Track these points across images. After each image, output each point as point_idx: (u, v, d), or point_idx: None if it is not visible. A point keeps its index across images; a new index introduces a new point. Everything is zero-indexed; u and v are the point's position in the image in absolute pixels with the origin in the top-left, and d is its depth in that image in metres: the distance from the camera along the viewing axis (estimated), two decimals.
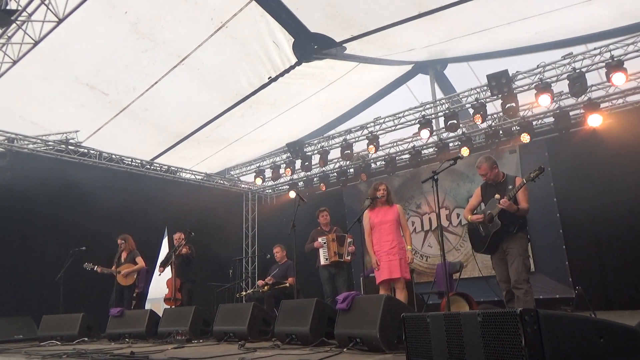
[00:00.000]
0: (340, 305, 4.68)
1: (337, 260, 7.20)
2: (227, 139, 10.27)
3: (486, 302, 8.44)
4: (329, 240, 7.30)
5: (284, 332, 5.28)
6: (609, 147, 8.10)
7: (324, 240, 7.36)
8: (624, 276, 7.83)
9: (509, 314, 2.04)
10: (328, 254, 7.25)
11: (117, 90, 8.02)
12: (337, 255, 7.19)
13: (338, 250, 7.23)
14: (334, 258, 7.19)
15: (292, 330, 5.18)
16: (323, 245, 7.33)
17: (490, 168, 5.20)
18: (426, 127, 8.85)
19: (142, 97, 8.21)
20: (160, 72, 7.77)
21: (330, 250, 7.23)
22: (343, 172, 11.02)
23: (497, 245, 5.10)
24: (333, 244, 7.25)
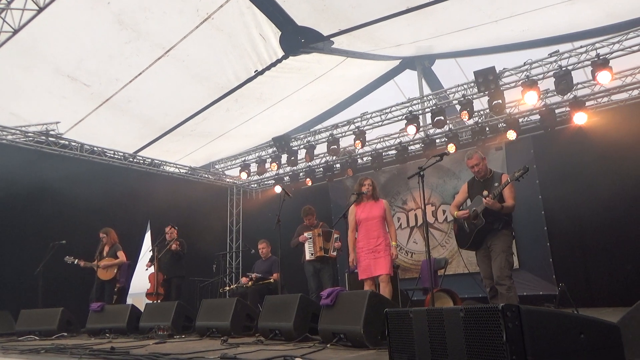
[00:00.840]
0: (324, 300, 4.70)
1: (323, 255, 7.21)
2: (212, 132, 10.21)
3: (471, 298, 8.52)
4: (315, 235, 7.31)
5: (268, 328, 5.29)
6: (594, 146, 8.22)
7: (309, 234, 7.37)
8: (607, 273, 7.97)
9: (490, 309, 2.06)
10: (313, 248, 7.27)
11: (100, 82, 7.92)
12: (323, 251, 7.20)
13: (324, 246, 7.25)
14: (319, 253, 7.20)
15: (275, 325, 5.18)
16: (308, 239, 7.35)
17: (481, 159, 5.26)
18: (413, 123, 8.89)
19: (125, 88, 8.12)
20: (144, 64, 7.69)
21: (316, 245, 7.24)
22: (329, 167, 11.03)
23: (481, 242, 5.16)
24: (319, 239, 7.26)
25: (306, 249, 7.36)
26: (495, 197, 4.97)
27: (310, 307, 5.15)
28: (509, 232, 5.10)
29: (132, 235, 10.06)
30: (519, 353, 1.99)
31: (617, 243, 7.91)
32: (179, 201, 10.75)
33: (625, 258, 7.77)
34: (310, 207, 7.71)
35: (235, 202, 12.82)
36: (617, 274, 7.82)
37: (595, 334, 2.22)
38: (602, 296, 7.90)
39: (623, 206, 7.92)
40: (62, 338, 6.79)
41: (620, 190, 7.89)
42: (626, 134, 7.85)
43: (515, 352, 1.98)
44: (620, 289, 7.61)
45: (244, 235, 12.44)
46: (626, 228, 7.85)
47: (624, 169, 7.88)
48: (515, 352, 1.99)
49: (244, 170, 11.35)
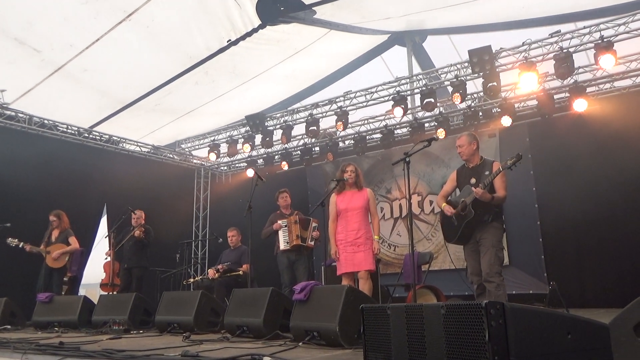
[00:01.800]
0: (297, 295, 4.73)
1: (299, 244, 7.24)
2: (179, 108, 10.11)
3: (456, 296, 8.70)
4: (291, 223, 7.32)
5: (235, 324, 5.30)
6: (594, 135, 8.37)
7: (284, 222, 7.38)
8: (601, 273, 8.18)
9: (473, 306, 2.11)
10: (289, 237, 7.29)
11: (52, 47, 7.76)
12: (300, 239, 7.24)
13: (301, 234, 7.28)
14: (295, 242, 7.22)
15: (243, 321, 5.20)
16: (283, 227, 7.36)
17: (468, 142, 5.32)
18: (400, 104, 8.93)
19: (80, 56, 7.97)
20: (102, 29, 7.54)
21: (292, 234, 7.26)
22: (308, 150, 11.03)
23: (469, 235, 5.24)
24: (295, 227, 7.28)
25: (280, 238, 7.38)
26: (486, 186, 5.03)
27: (282, 302, 5.17)
28: (499, 225, 5.18)
29: (86, 220, 9.94)
30: (501, 353, 2.04)
31: (614, 241, 8.12)
32: (140, 183, 10.65)
33: (622, 257, 7.99)
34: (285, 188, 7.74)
35: (203, 185, 12.75)
36: (612, 273, 8.04)
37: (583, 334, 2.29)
38: (596, 296, 8.13)
39: (622, 202, 8.11)
40: (5, 331, 6.70)
41: (620, 184, 8.08)
42: (628, 124, 8.01)
43: (497, 352, 2.04)
44: (615, 290, 7.83)
45: (211, 222, 12.40)
46: (624, 225, 8.05)
47: (624, 161, 8.05)
48: (497, 352, 2.04)
49: (213, 150, 11.28)
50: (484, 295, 5.08)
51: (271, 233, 7.55)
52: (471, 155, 5.36)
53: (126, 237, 8.41)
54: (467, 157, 5.37)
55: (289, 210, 7.73)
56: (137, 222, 8.59)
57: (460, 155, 5.43)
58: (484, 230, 5.12)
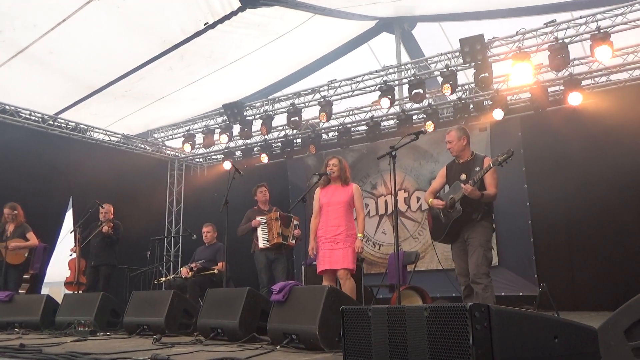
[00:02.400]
0: (275, 296, 4.75)
1: (280, 242, 7.26)
2: (152, 95, 10.05)
3: (443, 297, 8.79)
4: (271, 219, 7.33)
5: (209, 326, 5.31)
6: (589, 131, 8.50)
7: (264, 219, 7.39)
8: (593, 275, 8.32)
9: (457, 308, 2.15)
10: (269, 235, 7.30)
11: (13, 28, 7.65)
12: (281, 237, 7.25)
13: (282, 232, 7.29)
14: (276, 240, 7.24)
15: (218, 323, 5.21)
16: (263, 224, 7.37)
17: (458, 138, 5.36)
18: (387, 95, 8.97)
19: (45, 37, 7.88)
20: (70, 8, 7.46)
21: (273, 231, 7.28)
22: (289, 142, 11.03)
23: (457, 234, 5.29)
24: (276, 224, 7.29)
25: (259, 235, 7.39)
26: (476, 183, 5.07)
27: (259, 303, 5.19)
28: (488, 224, 5.24)
29: (50, 214, 9.85)
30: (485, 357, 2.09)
31: (608, 241, 8.27)
32: (109, 175, 10.57)
33: (616, 258, 8.14)
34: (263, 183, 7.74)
35: (177, 178, 12.69)
36: (605, 275, 8.18)
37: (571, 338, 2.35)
38: (588, 299, 8.27)
39: (617, 201, 8.25)
40: None
41: (615, 182, 8.22)
42: (625, 120, 8.13)
43: (481, 357, 2.08)
44: (608, 292, 7.98)
45: (185, 217, 12.35)
46: (619, 225, 8.19)
47: (620, 158, 8.19)
48: (481, 356, 2.09)
49: (188, 141, 11.23)
50: (472, 297, 5.14)
51: (248, 230, 7.55)
52: (461, 150, 5.40)
53: (93, 232, 8.35)
54: (456, 153, 5.42)
55: (268, 206, 7.73)
56: (105, 216, 8.53)
57: (449, 151, 5.48)
58: (473, 229, 5.17)
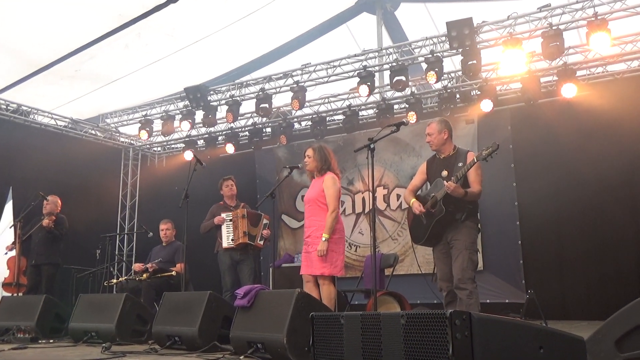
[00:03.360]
0: (239, 301, 4.76)
1: (246, 242, 7.26)
2: (105, 75, 9.92)
3: (423, 304, 8.88)
4: (237, 217, 7.33)
5: (165, 333, 5.30)
6: (583, 125, 8.63)
7: (229, 215, 7.38)
8: (585, 282, 8.50)
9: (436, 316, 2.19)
10: (234, 233, 7.30)
11: None
12: (247, 237, 7.25)
13: (249, 231, 7.29)
14: (242, 239, 7.24)
15: (175, 330, 5.21)
16: (227, 222, 7.36)
17: (438, 130, 5.41)
18: (367, 81, 9.00)
19: None
20: None
21: (238, 230, 7.27)
22: (257, 131, 11.01)
23: (440, 236, 5.36)
24: (242, 222, 7.29)
25: (223, 234, 7.38)
26: (459, 180, 5.12)
27: (221, 309, 5.22)
28: (473, 225, 5.32)
29: None
30: None
31: (601, 246, 8.43)
32: (55, 164, 10.42)
33: (609, 264, 8.31)
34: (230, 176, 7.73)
35: (132, 169, 12.57)
36: (597, 282, 8.36)
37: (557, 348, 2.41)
38: (578, 308, 8.45)
39: (613, 201, 8.42)
40: None
41: (611, 181, 8.37)
42: (622, 114, 8.24)
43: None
44: (600, 300, 8.16)
45: (140, 212, 12.24)
46: (614, 228, 8.36)
47: (616, 156, 8.35)
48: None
49: (144, 128, 11.11)
50: (454, 304, 5.21)
51: (212, 228, 7.53)
52: (441, 145, 5.45)
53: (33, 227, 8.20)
54: (436, 147, 5.47)
55: (235, 202, 7.72)
56: (49, 209, 8.39)
57: (429, 145, 5.54)
58: (456, 231, 5.24)
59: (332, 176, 5.85)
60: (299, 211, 11.20)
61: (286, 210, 11.37)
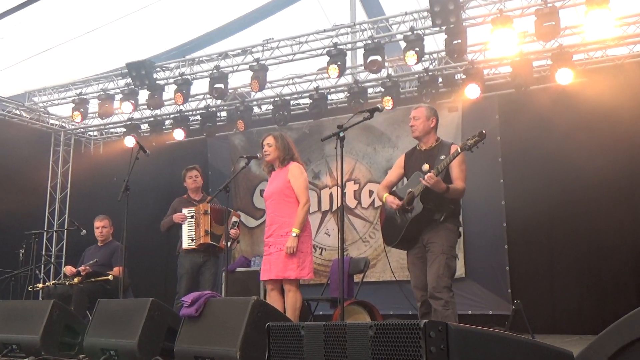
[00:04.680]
0: (186, 310, 4.74)
1: (208, 243, 7.26)
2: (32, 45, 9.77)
3: (397, 315, 8.96)
4: (199, 213, 7.31)
5: (99, 347, 5.26)
6: (580, 115, 8.71)
7: (190, 211, 7.37)
8: (578, 291, 8.63)
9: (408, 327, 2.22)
10: (195, 232, 7.29)
11: None
12: (210, 236, 7.25)
13: (212, 229, 7.28)
14: (203, 240, 7.23)
15: (112, 343, 5.16)
16: (188, 218, 7.34)
17: (426, 116, 5.46)
18: (337, 61, 9.00)
19: None
20: None
21: (200, 228, 7.27)
22: (211, 115, 10.94)
23: (415, 238, 5.40)
24: (205, 219, 7.28)
25: (183, 233, 7.36)
26: (440, 172, 5.15)
27: (165, 319, 5.19)
28: (454, 227, 5.37)
29: None
30: None
31: (597, 251, 8.56)
32: None
33: (604, 272, 8.47)
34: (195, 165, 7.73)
35: (62, 156, 12.40)
36: (591, 292, 8.51)
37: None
38: (570, 320, 8.58)
39: (611, 200, 8.52)
40: None
41: (609, 178, 8.48)
42: (622, 103, 8.30)
43: None
44: (593, 313, 8.32)
45: (72, 206, 12.10)
46: (612, 230, 8.47)
47: (615, 149, 8.44)
48: None
49: (78, 108, 10.97)
50: (430, 315, 5.27)
51: (171, 225, 7.50)
52: (426, 133, 5.50)
53: None
54: (419, 134, 5.50)
55: (200, 195, 7.70)
56: None
57: (411, 130, 5.56)
58: (434, 232, 5.28)
59: (298, 165, 5.93)
60: (257, 208, 11.17)
61: (242, 207, 11.32)
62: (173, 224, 7.43)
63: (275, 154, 5.90)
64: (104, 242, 8.23)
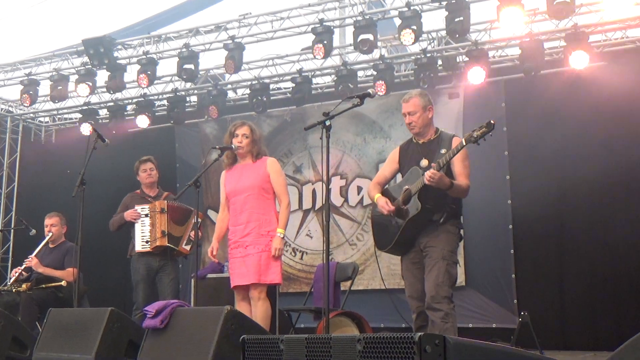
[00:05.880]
0: (150, 321, 4.74)
1: (165, 246, 7.25)
2: None
3: (388, 328, 8.96)
4: (155, 211, 7.30)
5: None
6: (595, 103, 8.69)
7: (145, 209, 7.36)
8: (591, 302, 8.64)
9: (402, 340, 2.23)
10: (150, 233, 7.27)
11: None
12: (167, 238, 7.23)
13: (171, 230, 7.27)
14: (159, 241, 7.23)
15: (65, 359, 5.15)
16: (142, 217, 7.33)
17: (422, 107, 5.42)
18: (323, 39, 8.99)
19: None
20: None
21: (156, 228, 7.25)
22: (179, 100, 10.91)
23: (412, 241, 5.42)
24: (162, 218, 7.27)
25: (137, 233, 7.35)
26: (441, 167, 5.13)
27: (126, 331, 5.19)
28: (454, 230, 5.39)
29: None
30: None
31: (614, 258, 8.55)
32: None
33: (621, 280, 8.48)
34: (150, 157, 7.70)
35: (9, 144, 12.35)
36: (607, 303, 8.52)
37: None
38: (583, 335, 8.60)
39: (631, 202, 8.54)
40: None
41: (629, 177, 8.49)
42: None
43: None
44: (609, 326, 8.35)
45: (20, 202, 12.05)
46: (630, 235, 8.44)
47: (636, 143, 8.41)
48: None
49: (27, 91, 10.90)
50: (426, 328, 5.28)
51: (122, 224, 7.48)
52: (426, 126, 5.49)
53: None
54: (420, 130, 5.47)
55: (156, 191, 7.69)
56: None
57: (409, 128, 5.54)
58: (433, 235, 5.29)
59: (276, 160, 6.06)
60: None
61: (214, 205, 11.26)
62: (124, 222, 7.40)
63: (249, 146, 5.94)
64: (56, 243, 8.18)
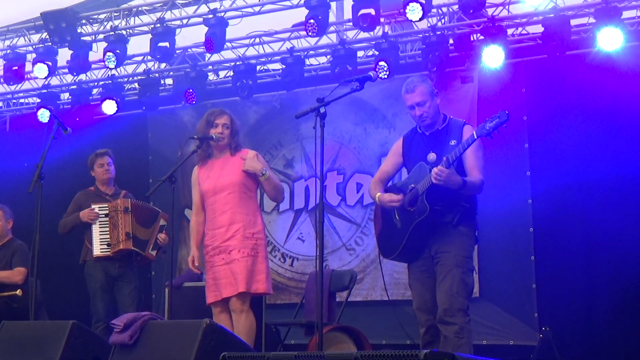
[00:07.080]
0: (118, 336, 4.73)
1: (129, 249, 7.24)
2: None
3: (391, 346, 8.94)
4: (117, 211, 7.34)
5: None
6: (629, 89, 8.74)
7: (104, 208, 7.35)
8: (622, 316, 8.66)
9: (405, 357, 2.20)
10: (111, 235, 7.29)
11: None
12: (132, 241, 7.24)
13: (136, 233, 7.30)
14: (123, 245, 7.27)
15: None
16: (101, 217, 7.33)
17: (430, 94, 5.45)
18: (318, 14, 8.97)
19: None
20: None
21: (119, 230, 7.28)
22: (152, 83, 10.88)
23: (421, 247, 5.44)
24: (125, 218, 7.30)
25: (94, 235, 7.36)
26: (451, 163, 5.13)
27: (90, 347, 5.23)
28: (469, 232, 5.41)
29: None
30: None
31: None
32: None
33: None
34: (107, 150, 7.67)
35: None
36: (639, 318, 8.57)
37: None
38: (612, 353, 8.61)
39: None
40: None
41: None
42: None
43: None
44: None
45: None
46: None
47: None
48: None
49: None
50: (435, 344, 5.27)
51: (75, 225, 7.46)
52: (436, 115, 5.51)
53: None
54: (432, 121, 5.50)
55: (113, 189, 7.70)
56: None
57: (419, 121, 5.54)
58: (445, 239, 5.31)
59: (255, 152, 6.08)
60: None
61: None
62: (79, 223, 7.40)
63: (229, 138, 5.96)
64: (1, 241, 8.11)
